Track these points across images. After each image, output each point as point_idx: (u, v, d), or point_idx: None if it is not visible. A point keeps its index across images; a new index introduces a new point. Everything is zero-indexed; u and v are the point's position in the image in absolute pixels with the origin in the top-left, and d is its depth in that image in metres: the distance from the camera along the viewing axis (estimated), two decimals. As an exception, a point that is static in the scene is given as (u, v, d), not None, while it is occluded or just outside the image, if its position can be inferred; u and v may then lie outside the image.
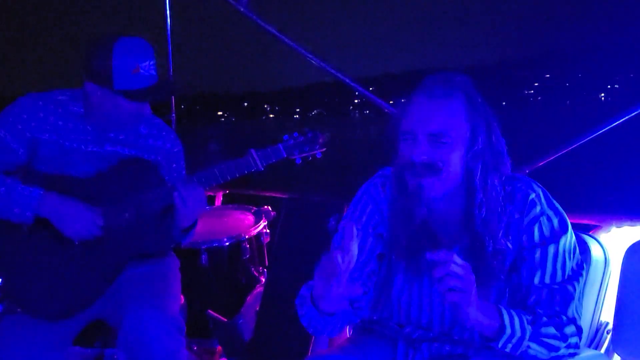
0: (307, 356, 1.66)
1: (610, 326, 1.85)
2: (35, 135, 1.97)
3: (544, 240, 1.47)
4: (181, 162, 2.22)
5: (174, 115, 3.48)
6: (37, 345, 1.89)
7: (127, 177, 2.04)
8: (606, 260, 1.84)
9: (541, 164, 2.29)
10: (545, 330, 1.42)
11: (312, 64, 2.71)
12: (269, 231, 3.04)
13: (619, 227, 2.09)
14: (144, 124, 2.11)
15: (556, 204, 1.52)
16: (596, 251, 1.82)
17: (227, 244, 2.82)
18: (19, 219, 1.92)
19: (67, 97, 2.04)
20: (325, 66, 2.67)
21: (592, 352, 1.76)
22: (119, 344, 1.90)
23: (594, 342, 1.86)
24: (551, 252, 1.47)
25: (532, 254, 1.48)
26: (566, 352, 1.46)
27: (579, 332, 1.48)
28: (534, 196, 1.49)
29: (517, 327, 1.38)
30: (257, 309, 2.68)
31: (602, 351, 1.85)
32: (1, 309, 2.01)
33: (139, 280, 2.05)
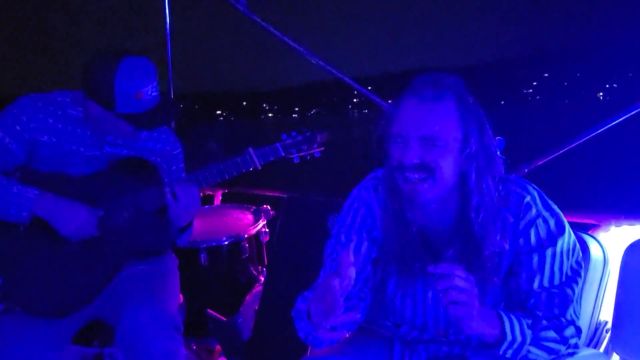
0: (305, 356, 1.64)
1: (609, 325, 1.84)
2: (33, 136, 1.97)
3: (541, 243, 1.45)
4: (181, 164, 2.22)
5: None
6: (36, 344, 1.89)
7: (126, 177, 2.04)
8: (605, 259, 1.84)
9: (540, 163, 2.29)
10: (545, 334, 1.41)
11: (311, 63, 2.70)
12: (268, 230, 3.04)
13: (618, 226, 2.08)
14: None
15: (552, 205, 1.49)
16: (595, 250, 1.82)
17: (226, 243, 2.82)
18: (15, 219, 1.92)
19: (67, 99, 2.03)
20: (324, 65, 2.67)
21: (591, 351, 1.76)
22: (117, 343, 1.90)
23: (593, 341, 1.86)
24: (549, 256, 1.45)
25: (530, 258, 1.46)
26: (565, 352, 1.46)
27: (578, 332, 1.48)
28: (529, 199, 1.46)
29: (518, 333, 1.37)
30: (256, 308, 2.68)
31: (601, 350, 1.85)
32: (0, 308, 2.00)
33: (137, 279, 2.05)
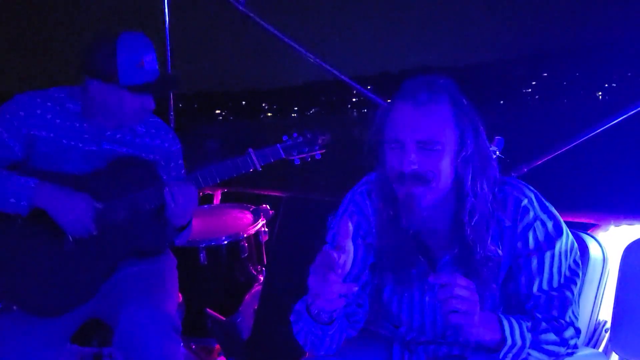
0: (304, 357, 1.64)
1: (608, 325, 1.85)
2: (31, 132, 1.97)
3: (539, 246, 1.44)
4: (180, 160, 2.22)
5: (172, 113, 3.49)
6: (34, 343, 1.89)
7: (124, 175, 2.03)
8: (604, 259, 1.84)
9: (539, 163, 2.29)
10: (545, 337, 1.41)
11: (310, 62, 2.70)
12: (267, 230, 3.04)
13: (617, 226, 2.08)
14: (141, 123, 2.11)
15: (550, 207, 1.48)
16: (594, 250, 1.82)
17: (226, 242, 2.82)
18: (14, 209, 1.91)
19: (64, 94, 2.03)
20: (323, 64, 2.67)
21: (590, 351, 1.76)
22: (115, 342, 1.89)
23: (592, 340, 1.87)
24: (548, 259, 1.44)
25: (529, 262, 1.45)
26: (565, 353, 1.46)
27: (578, 333, 1.48)
28: (526, 202, 1.44)
29: (518, 337, 1.37)
30: (255, 307, 2.68)
31: (600, 350, 1.85)
32: (-1, 308, 2.00)
33: (135, 278, 2.04)
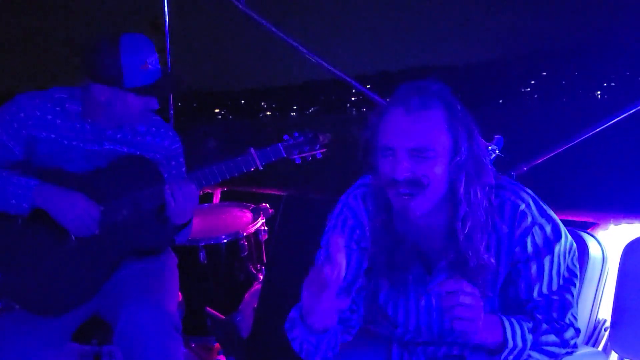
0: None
1: (608, 323, 1.85)
2: (32, 133, 1.97)
3: (538, 251, 1.43)
4: (180, 158, 2.21)
5: (172, 112, 3.49)
6: (35, 341, 1.89)
7: (125, 174, 2.03)
8: (604, 257, 1.84)
9: (539, 162, 2.29)
10: (546, 338, 1.41)
11: (310, 61, 2.70)
12: (267, 228, 3.04)
13: (616, 224, 2.09)
14: (141, 122, 2.11)
15: (548, 211, 1.46)
16: (594, 249, 1.83)
17: (225, 241, 2.82)
18: (15, 210, 1.92)
19: (65, 95, 2.03)
20: (322, 63, 2.66)
21: (589, 350, 1.76)
22: (116, 341, 1.90)
23: (591, 339, 1.87)
24: (547, 264, 1.43)
25: (528, 267, 1.43)
26: (564, 352, 1.47)
27: (577, 333, 1.48)
28: (524, 207, 1.42)
29: (519, 339, 1.37)
30: (255, 306, 2.68)
31: (600, 348, 1.86)
32: (-1, 306, 2.01)
33: (135, 277, 2.05)
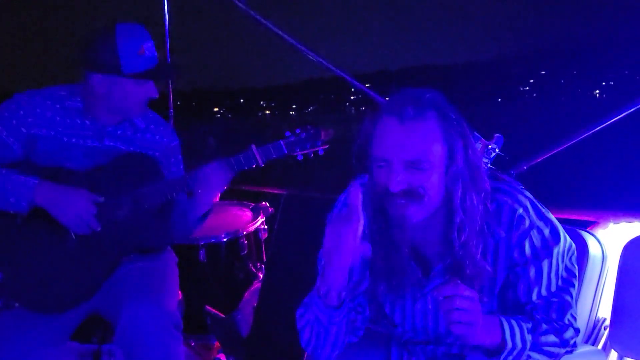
0: (305, 356, 1.64)
1: (607, 322, 1.85)
2: (31, 131, 1.97)
3: (536, 254, 1.42)
4: (179, 156, 2.22)
5: (172, 111, 3.49)
6: (35, 340, 1.89)
7: (126, 172, 2.04)
8: (604, 256, 1.84)
9: (539, 160, 2.29)
10: (545, 338, 1.41)
11: (309, 60, 2.70)
12: (266, 227, 3.04)
13: (616, 223, 2.09)
14: (140, 118, 2.11)
15: (546, 213, 1.45)
16: (594, 248, 1.83)
17: (225, 239, 2.82)
18: (14, 208, 1.92)
19: (64, 92, 2.04)
20: (322, 61, 2.66)
21: (589, 348, 1.76)
22: (116, 339, 1.90)
23: (591, 338, 1.87)
24: (545, 267, 1.43)
25: (527, 271, 1.43)
26: (563, 351, 1.47)
27: (577, 332, 1.48)
28: (522, 211, 1.42)
29: (518, 340, 1.37)
30: (255, 304, 2.68)
31: (600, 347, 1.86)
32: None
33: (136, 275, 2.05)
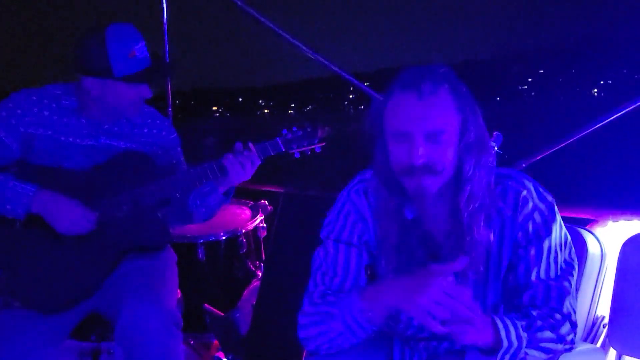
0: (304, 354, 1.63)
1: (606, 320, 1.85)
2: (29, 130, 1.97)
3: (538, 234, 1.45)
4: (178, 148, 2.23)
5: (170, 109, 3.49)
6: (34, 338, 1.89)
7: (124, 170, 2.04)
8: (602, 254, 1.84)
9: (537, 159, 2.30)
10: (541, 335, 1.41)
11: (307, 59, 2.70)
12: (265, 225, 3.04)
13: (615, 221, 2.09)
14: (137, 114, 2.11)
15: (547, 197, 1.49)
16: (592, 245, 1.83)
17: (224, 238, 2.83)
18: (11, 215, 1.92)
19: (60, 91, 2.04)
20: (321, 59, 2.66)
21: (588, 346, 1.76)
22: (116, 337, 1.90)
23: (590, 336, 1.87)
24: (545, 247, 1.45)
25: (528, 251, 1.46)
26: (562, 348, 1.46)
27: (574, 327, 1.48)
28: (526, 193, 1.46)
29: (514, 338, 1.36)
30: (254, 303, 2.68)
31: (598, 345, 1.86)
32: (-1, 303, 2.00)
33: (136, 274, 2.05)
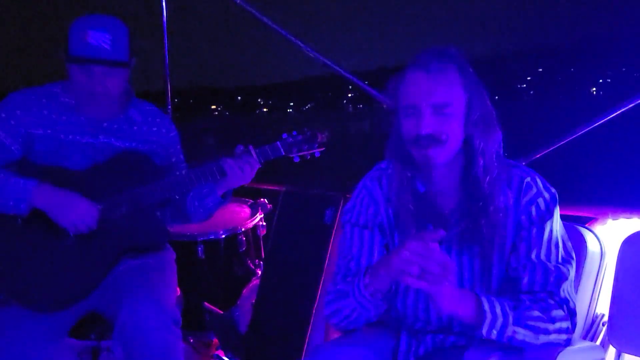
0: (307, 348, 1.66)
1: (605, 318, 1.85)
2: (29, 130, 1.97)
3: (541, 217, 1.52)
4: (178, 146, 2.22)
5: (170, 107, 3.49)
6: (33, 337, 1.89)
7: (123, 170, 2.03)
8: (602, 252, 1.84)
9: (537, 157, 2.30)
10: (528, 313, 1.43)
11: (307, 57, 2.70)
12: (265, 224, 3.04)
13: (615, 219, 2.09)
14: (137, 112, 2.11)
15: (549, 186, 1.58)
16: (592, 243, 1.83)
17: (224, 236, 2.83)
18: (14, 211, 1.92)
19: (58, 89, 2.04)
20: (321, 58, 2.66)
21: (587, 344, 1.76)
22: (116, 336, 1.90)
23: (589, 333, 1.87)
24: (547, 229, 1.52)
25: (530, 232, 1.52)
26: (558, 338, 1.46)
27: (571, 315, 1.48)
28: (530, 179, 1.55)
29: (499, 312, 1.40)
30: (253, 301, 2.69)
31: (598, 343, 1.86)
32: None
33: (135, 272, 2.05)
